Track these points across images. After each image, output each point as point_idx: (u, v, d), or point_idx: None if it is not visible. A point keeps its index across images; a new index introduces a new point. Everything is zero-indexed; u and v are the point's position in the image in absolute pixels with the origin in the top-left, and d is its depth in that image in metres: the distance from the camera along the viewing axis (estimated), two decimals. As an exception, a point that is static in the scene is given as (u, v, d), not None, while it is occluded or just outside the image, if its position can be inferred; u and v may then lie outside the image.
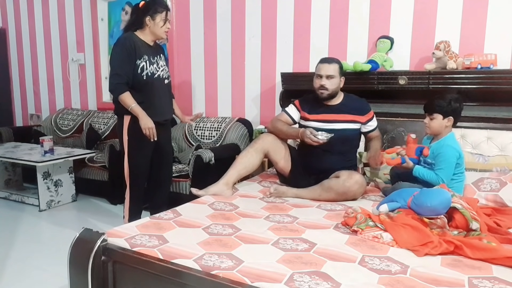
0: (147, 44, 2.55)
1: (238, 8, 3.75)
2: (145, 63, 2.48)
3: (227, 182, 2.41)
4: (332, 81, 2.51)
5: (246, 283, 1.33)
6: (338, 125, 2.54)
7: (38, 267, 2.56)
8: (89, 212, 3.66)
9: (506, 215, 2.03)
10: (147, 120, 2.44)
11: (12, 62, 5.61)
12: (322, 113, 2.58)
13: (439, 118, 2.25)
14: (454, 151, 2.21)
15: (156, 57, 2.57)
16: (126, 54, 2.43)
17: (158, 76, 2.55)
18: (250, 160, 2.51)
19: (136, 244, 1.63)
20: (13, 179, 4.28)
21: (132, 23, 2.56)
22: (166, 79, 2.65)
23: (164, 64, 2.64)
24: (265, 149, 2.56)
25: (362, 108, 2.61)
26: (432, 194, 1.82)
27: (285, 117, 2.70)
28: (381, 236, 1.70)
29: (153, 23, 2.49)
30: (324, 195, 2.34)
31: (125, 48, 2.44)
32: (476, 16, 2.81)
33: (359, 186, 2.30)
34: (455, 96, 2.27)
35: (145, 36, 2.54)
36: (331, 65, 2.52)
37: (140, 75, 2.46)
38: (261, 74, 3.72)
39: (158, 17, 2.48)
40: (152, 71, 2.51)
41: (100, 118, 4.61)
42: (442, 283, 1.33)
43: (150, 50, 2.55)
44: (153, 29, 2.51)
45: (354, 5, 3.23)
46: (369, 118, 2.63)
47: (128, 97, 2.43)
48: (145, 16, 2.49)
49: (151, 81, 2.50)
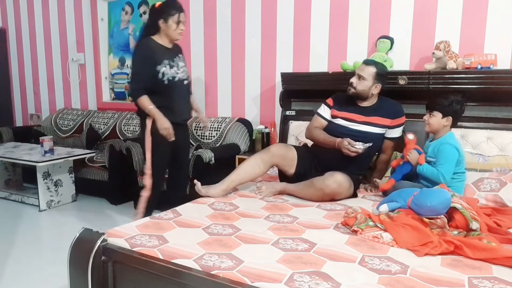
0: (165, 48, 2.58)
1: (238, 8, 3.75)
2: (166, 68, 2.52)
3: (226, 188, 2.39)
4: (362, 82, 2.49)
5: (246, 283, 1.33)
6: (362, 127, 2.52)
7: (38, 267, 2.56)
8: (89, 212, 3.67)
9: (506, 215, 2.03)
10: (163, 121, 2.49)
11: (12, 62, 5.61)
12: (351, 112, 2.55)
13: (438, 116, 2.27)
14: (454, 149, 2.23)
15: (175, 59, 2.60)
16: (144, 60, 2.50)
17: (179, 78, 2.59)
18: (254, 170, 2.46)
19: (136, 244, 1.63)
20: (13, 179, 4.28)
21: (148, 26, 2.61)
22: (186, 80, 2.67)
23: (183, 64, 2.67)
24: (274, 163, 2.52)
25: (395, 111, 2.56)
26: (432, 194, 1.82)
27: (319, 121, 2.65)
28: (381, 236, 1.70)
29: (166, 26, 2.52)
30: (305, 190, 2.34)
31: (143, 54, 2.51)
32: (476, 16, 2.81)
33: (338, 185, 2.26)
34: (459, 98, 2.28)
35: (162, 39, 2.57)
36: (366, 67, 2.51)
37: (161, 80, 2.51)
38: (261, 74, 3.72)
39: (171, 19, 2.50)
40: (172, 75, 2.55)
41: (100, 118, 4.61)
42: (442, 283, 1.33)
43: (169, 53, 2.58)
44: (167, 31, 2.54)
45: (354, 5, 3.23)
46: (398, 124, 2.58)
47: (145, 100, 2.49)
48: (159, 19, 2.52)
49: (172, 85, 2.55)
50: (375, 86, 2.51)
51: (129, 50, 4.65)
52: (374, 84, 2.50)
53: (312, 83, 3.17)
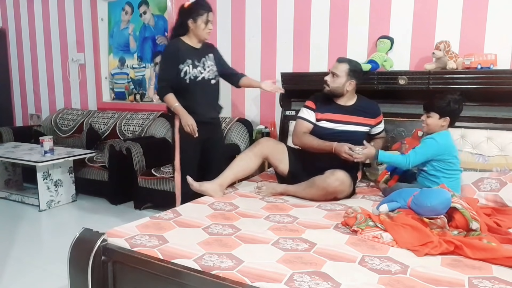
0: (192, 47, 2.62)
1: (238, 8, 3.75)
2: (188, 67, 2.57)
3: (222, 183, 2.42)
4: (336, 79, 2.53)
5: (246, 283, 1.33)
6: (349, 127, 2.55)
7: (38, 267, 2.56)
8: (89, 212, 3.67)
9: (506, 215, 2.03)
10: (187, 117, 2.55)
11: (12, 62, 5.61)
12: (334, 113, 2.57)
13: (436, 117, 2.26)
14: (435, 143, 2.23)
15: (203, 59, 2.64)
16: (168, 59, 2.59)
17: (203, 78, 2.62)
18: (247, 164, 2.51)
19: (136, 244, 1.63)
20: (13, 179, 4.28)
21: (177, 27, 2.65)
22: (213, 79, 2.69)
23: (212, 63, 2.69)
24: (264, 154, 2.56)
25: (374, 111, 2.64)
26: (432, 194, 1.82)
27: (305, 125, 2.63)
28: (381, 236, 1.70)
29: (195, 26, 2.56)
30: (307, 190, 2.35)
31: (168, 53, 2.61)
32: (476, 16, 2.81)
33: (340, 183, 2.27)
34: (456, 98, 2.27)
35: (190, 40, 2.62)
36: (339, 64, 2.55)
37: (183, 78, 2.57)
38: (261, 74, 3.71)
39: (200, 19, 2.54)
40: (195, 75, 2.59)
41: (100, 118, 4.61)
42: (442, 283, 1.33)
43: (196, 53, 2.62)
44: (195, 31, 2.58)
45: (354, 5, 3.23)
46: (379, 122, 2.66)
47: (171, 98, 2.57)
48: (188, 19, 2.57)
49: (194, 84, 2.60)
50: (349, 82, 2.54)
51: (129, 50, 4.66)
52: (347, 80, 2.53)
53: (312, 83, 3.17)
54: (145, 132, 4.18)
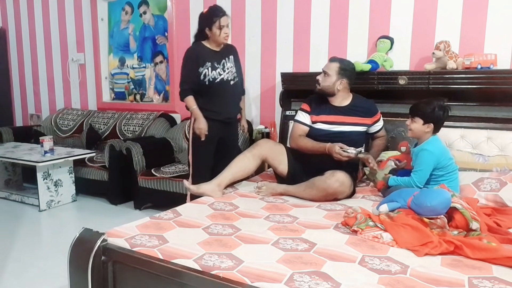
0: (212, 51, 2.76)
1: (238, 8, 3.75)
2: (207, 70, 2.71)
3: (220, 183, 2.42)
4: (327, 78, 2.54)
5: (246, 283, 1.33)
6: (346, 128, 2.55)
7: (38, 267, 2.56)
8: (89, 212, 3.67)
9: (506, 215, 2.03)
10: (199, 121, 2.71)
11: (12, 62, 5.61)
12: (329, 114, 2.58)
13: (420, 122, 2.23)
14: (431, 155, 2.20)
15: (223, 61, 2.77)
16: (189, 64, 2.73)
17: (222, 79, 2.75)
18: (246, 165, 2.52)
19: (136, 244, 1.63)
20: (13, 179, 4.28)
21: (198, 33, 2.81)
22: (232, 80, 2.82)
23: (231, 65, 2.82)
24: (263, 156, 2.56)
25: (370, 110, 2.63)
26: (432, 194, 1.82)
27: (301, 128, 2.64)
28: (381, 236, 1.70)
29: (211, 33, 2.71)
30: (307, 191, 2.35)
31: (189, 57, 2.75)
32: (476, 16, 2.81)
33: (340, 184, 2.27)
34: (442, 104, 2.22)
35: (210, 44, 2.77)
36: (330, 63, 2.58)
37: (203, 81, 2.71)
38: (261, 74, 3.72)
39: (214, 26, 2.68)
40: (214, 76, 2.72)
41: (100, 118, 4.61)
42: (442, 283, 1.33)
43: (216, 55, 2.76)
44: (213, 38, 2.73)
45: (354, 5, 3.23)
46: (376, 120, 2.65)
47: (190, 100, 2.73)
48: (205, 27, 2.72)
49: (213, 86, 2.73)
50: (340, 81, 2.54)
51: (129, 50, 4.66)
52: (338, 79, 2.53)
53: (312, 83, 3.14)
54: (145, 132, 4.19)
